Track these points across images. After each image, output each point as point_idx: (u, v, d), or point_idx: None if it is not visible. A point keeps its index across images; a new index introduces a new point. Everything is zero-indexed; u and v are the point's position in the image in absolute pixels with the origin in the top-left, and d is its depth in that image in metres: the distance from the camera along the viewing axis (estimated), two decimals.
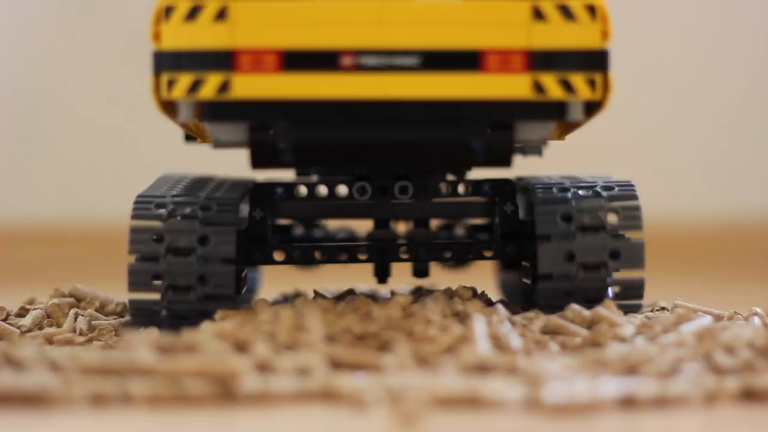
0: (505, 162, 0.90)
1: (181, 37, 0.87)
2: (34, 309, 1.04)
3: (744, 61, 2.22)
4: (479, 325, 0.86)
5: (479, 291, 1.01)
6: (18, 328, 0.98)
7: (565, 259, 0.95)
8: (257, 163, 0.89)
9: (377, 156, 0.90)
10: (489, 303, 0.98)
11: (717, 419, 0.74)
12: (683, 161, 2.21)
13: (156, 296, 0.94)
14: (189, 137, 1.13)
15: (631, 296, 0.97)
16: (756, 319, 0.96)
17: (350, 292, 1.08)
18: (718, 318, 0.98)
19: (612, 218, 0.96)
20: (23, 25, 2.19)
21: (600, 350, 0.84)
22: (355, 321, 0.86)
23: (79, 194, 2.18)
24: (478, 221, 1.11)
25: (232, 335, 0.82)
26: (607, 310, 0.91)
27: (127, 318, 1.02)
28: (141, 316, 0.96)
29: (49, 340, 0.96)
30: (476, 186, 1.01)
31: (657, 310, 1.03)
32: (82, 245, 2.01)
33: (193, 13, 0.87)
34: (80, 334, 0.98)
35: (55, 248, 2.00)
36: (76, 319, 1.01)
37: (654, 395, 0.76)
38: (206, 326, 0.85)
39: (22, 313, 1.05)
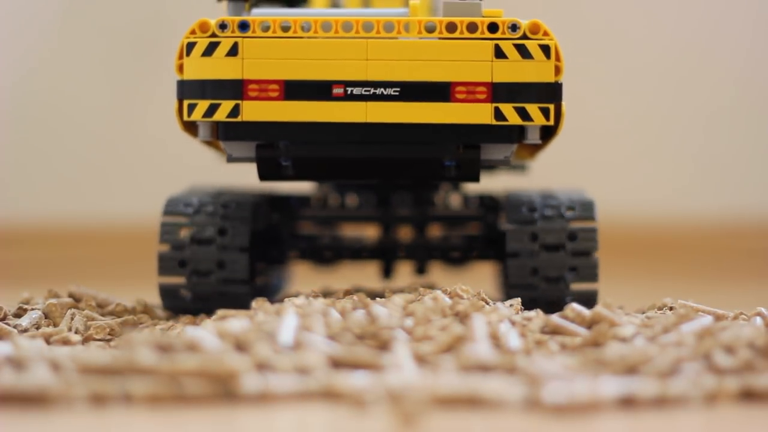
0: (474, 178, 1.04)
1: (199, 69, 1.01)
2: (32, 309, 1.04)
3: (745, 61, 2.22)
4: (479, 325, 0.86)
5: (478, 291, 1.01)
6: (15, 327, 0.98)
7: (529, 240, 1.09)
8: (263, 175, 1.03)
9: (363, 170, 1.04)
10: (488, 303, 0.98)
11: (717, 419, 0.74)
12: (683, 162, 2.21)
13: (181, 280, 1.10)
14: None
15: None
16: (757, 319, 0.96)
17: (348, 293, 1.09)
18: (722, 318, 0.98)
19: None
20: (23, 22, 2.19)
21: (600, 350, 0.84)
22: (356, 320, 0.86)
23: (78, 195, 2.18)
24: (472, 231, 1.25)
25: (232, 335, 0.82)
26: (607, 310, 0.91)
27: (125, 318, 1.03)
28: (169, 297, 1.11)
29: (47, 340, 0.96)
30: (465, 199, 1.22)
31: (661, 309, 1.03)
32: (82, 246, 2.01)
33: (209, 50, 1.01)
34: (76, 333, 0.98)
35: (54, 248, 2.00)
36: (72, 319, 1.01)
37: (654, 395, 0.76)
38: (207, 325, 0.85)
39: (20, 312, 1.04)
